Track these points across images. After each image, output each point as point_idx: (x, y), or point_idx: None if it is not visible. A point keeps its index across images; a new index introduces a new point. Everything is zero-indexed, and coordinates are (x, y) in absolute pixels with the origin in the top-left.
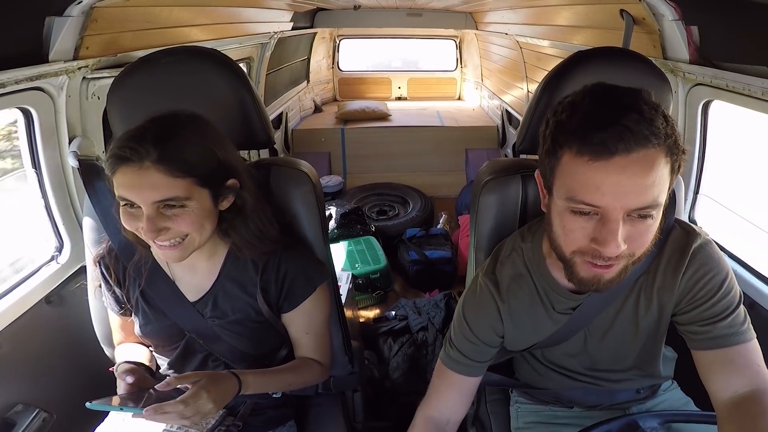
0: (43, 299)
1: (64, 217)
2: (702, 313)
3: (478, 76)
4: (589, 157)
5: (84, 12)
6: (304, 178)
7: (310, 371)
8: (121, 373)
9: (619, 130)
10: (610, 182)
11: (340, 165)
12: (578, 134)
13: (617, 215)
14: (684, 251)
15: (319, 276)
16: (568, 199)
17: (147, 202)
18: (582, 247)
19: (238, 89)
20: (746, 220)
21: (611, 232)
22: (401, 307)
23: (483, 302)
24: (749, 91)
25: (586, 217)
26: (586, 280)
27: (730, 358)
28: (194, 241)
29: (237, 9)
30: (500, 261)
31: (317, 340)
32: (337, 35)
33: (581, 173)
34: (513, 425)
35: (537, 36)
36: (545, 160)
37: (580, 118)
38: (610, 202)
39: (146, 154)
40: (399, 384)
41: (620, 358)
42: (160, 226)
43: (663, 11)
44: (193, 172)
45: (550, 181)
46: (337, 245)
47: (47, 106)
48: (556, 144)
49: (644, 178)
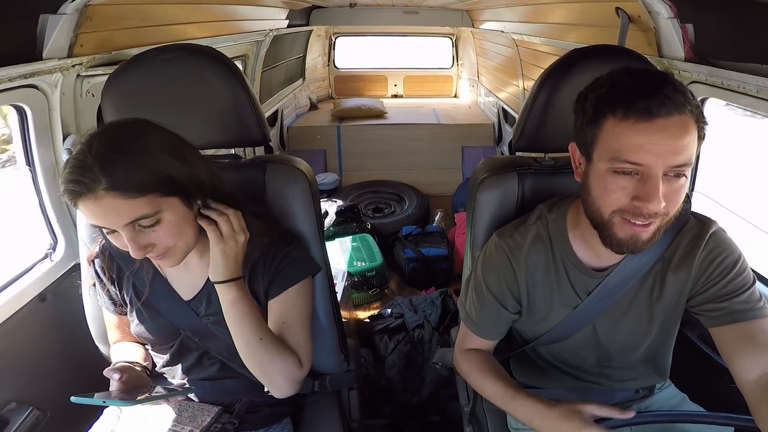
0: (37, 297)
1: (58, 214)
2: (719, 291)
3: (474, 74)
4: (634, 120)
5: (78, 9)
6: (299, 175)
7: (289, 357)
8: (109, 371)
9: (660, 97)
10: (653, 141)
11: (335, 162)
12: (623, 101)
13: (658, 172)
14: (700, 237)
15: (307, 267)
16: (612, 159)
17: (118, 226)
18: (623, 206)
19: (234, 87)
20: (742, 217)
21: (654, 188)
22: (397, 304)
23: (498, 261)
24: (744, 88)
25: (627, 176)
26: (624, 240)
27: (751, 334)
28: (182, 249)
29: (232, 6)
30: (525, 226)
31: (294, 331)
32: (332, 33)
33: (626, 135)
34: (510, 424)
35: (533, 34)
36: (586, 129)
37: (623, 88)
38: (652, 160)
39: (95, 184)
40: (395, 382)
41: (631, 349)
42: (143, 243)
43: (658, 9)
44: (150, 188)
45: (591, 147)
46: (333, 243)
47: (41, 103)
48: (599, 112)
49: (680, 140)
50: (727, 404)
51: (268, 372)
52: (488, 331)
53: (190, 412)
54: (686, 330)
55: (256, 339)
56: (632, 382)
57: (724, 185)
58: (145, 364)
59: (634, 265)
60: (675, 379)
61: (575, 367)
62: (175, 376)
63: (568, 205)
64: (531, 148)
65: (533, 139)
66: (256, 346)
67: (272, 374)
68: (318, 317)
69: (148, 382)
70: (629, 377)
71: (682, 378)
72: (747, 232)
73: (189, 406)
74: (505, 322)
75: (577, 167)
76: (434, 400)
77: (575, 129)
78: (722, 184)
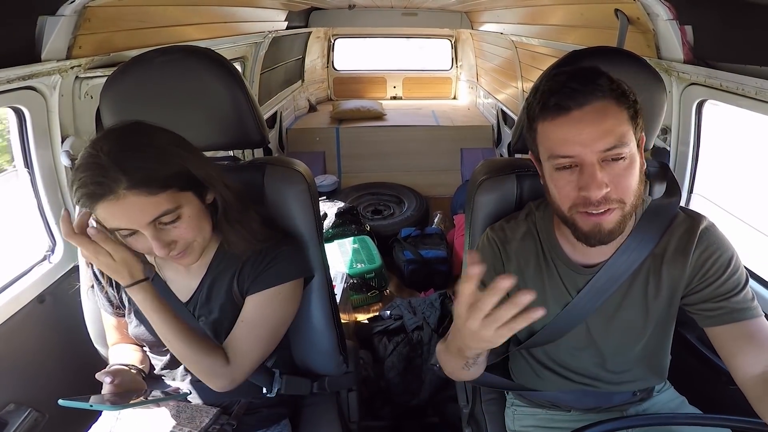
0: (35, 298)
1: (56, 216)
2: (715, 290)
3: (474, 76)
4: (551, 117)
5: (77, 11)
6: (298, 177)
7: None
8: (101, 374)
9: (567, 91)
10: (574, 132)
11: (334, 164)
12: (542, 103)
13: (591, 159)
14: (692, 232)
15: (293, 272)
16: (550, 158)
17: (141, 225)
18: (574, 200)
19: (233, 88)
20: (741, 220)
21: (591, 175)
22: (396, 306)
23: (487, 253)
24: (743, 90)
25: (569, 171)
26: (589, 231)
27: (750, 333)
28: (200, 244)
29: (231, 8)
30: (516, 221)
31: (246, 333)
32: (331, 34)
33: (551, 132)
34: (509, 427)
35: (532, 35)
36: (529, 138)
37: (542, 91)
38: (580, 150)
39: (116, 184)
40: (394, 384)
41: (627, 349)
42: (167, 240)
43: (657, 11)
44: (168, 183)
45: (536, 151)
46: (332, 245)
47: (40, 105)
48: (531, 118)
49: (600, 125)
50: (725, 406)
51: (192, 369)
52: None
53: (189, 414)
54: (684, 331)
55: (166, 340)
56: (630, 384)
57: (720, 183)
58: (141, 367)
59: (623, 262)
60: (674, 382)
61: (572, 369)
62: (174, 378)
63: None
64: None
65: None
66: (171, 347)
67: (195, 372)
68: (317, 319)
69: (143, 385)
70: (626, 379)
71: (681, 380)
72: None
73: (187, 408)
74: None
75: (541, 175)
76: (433, 401)
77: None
78: (719, 182)
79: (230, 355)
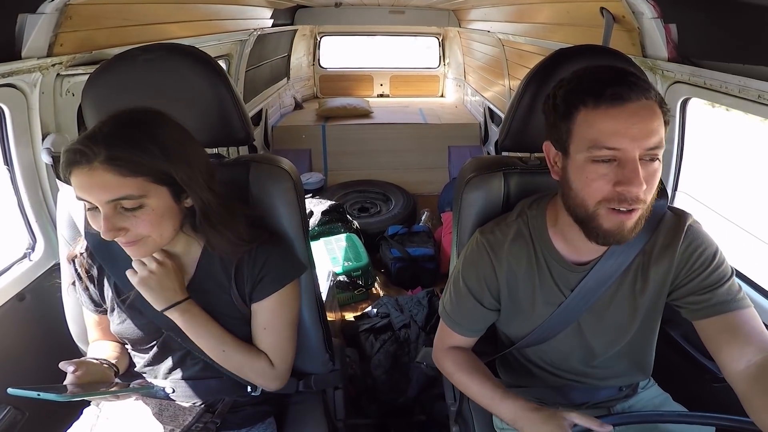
0: (15, 296)
1: (37, 214)
2: (700, 283)
3: (461, 74)
4: (606, 106)
5: (58, 9)
6: (284, 175)
7: (257, 362)
8: (64, 364)
9: (628, 83)
10: (626, 125)
11: (320, 162)
12: (593, 91)
13: (635, 155)
14: (678, 229)
15: (292, 272)
16: (590, 148)
17: (101, 201)
18: (606, 194)
19: (217, 86)
20: (725, 217)
21: (634, 171)
22: (383, 304)
23: (477, 258)
24: (726, 88)
25: (606, 164)
26: (610, 230)
27: (735, 325)
28: (154, 241)
29: (216, 5)
30: (506, 222)
31: (275, 338)
32: (318, 32)
33: (600, 122)
34: (496, 425)
35: (519, 33)
36: (559, 125)
37: (590, 80)
38: (628, 144)
39: (95, 155)
40: (381, 381)
41: (614, 344)
42: (118, 225)
43: (642, 9)
44: (143, 171)
45: (566, 142)
46: (318, 243)
47: (20, 102)
48: (571, 106)
49: (651, 123)
50: (708, 403)
51: (242, 374)
52: (465, 328)
53: (171, 412)
54: (669, 329)
55: (220, 351)
56: (615, 379)
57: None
58: (113, 362)
59: (616, 259)
60: (658, 379)
61: (560, 367)
62: (157, 375)
63: (547, 202)
64: (517, 147)
65: (519, 138)
66: (222, 357)
67: (247, 376)
68: (303, 317)
69: (111, 379)
70: (612, 374)
71: (665, 377)
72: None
73: (170, 406)
74: (483, 320)
75: (553, 165)
76: (420, 399)
77: (547, 128)
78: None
79: (272, 359)
